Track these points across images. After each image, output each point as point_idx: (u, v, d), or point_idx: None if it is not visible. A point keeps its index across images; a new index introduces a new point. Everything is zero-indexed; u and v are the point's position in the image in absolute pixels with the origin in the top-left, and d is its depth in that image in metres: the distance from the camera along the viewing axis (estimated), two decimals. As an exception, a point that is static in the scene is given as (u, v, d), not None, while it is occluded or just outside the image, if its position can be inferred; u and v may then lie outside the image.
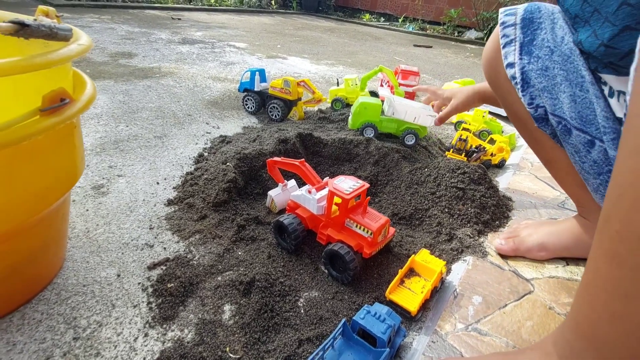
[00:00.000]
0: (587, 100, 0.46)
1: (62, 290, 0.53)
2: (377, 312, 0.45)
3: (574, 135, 0.48)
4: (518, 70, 0.52)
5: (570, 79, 0.47)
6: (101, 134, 1.00)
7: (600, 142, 0.46)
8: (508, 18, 0.54)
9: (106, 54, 1.80)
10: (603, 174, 0.48)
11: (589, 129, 0.46)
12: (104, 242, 0.63)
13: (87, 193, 0.75)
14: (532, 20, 0.52)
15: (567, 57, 0.47)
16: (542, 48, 0.50)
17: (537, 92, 0.51)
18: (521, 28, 0.52)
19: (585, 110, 0.46)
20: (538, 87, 0.51)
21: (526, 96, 0.52)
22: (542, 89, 0.50)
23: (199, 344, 0.47)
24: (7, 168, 0.36)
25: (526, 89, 0.52)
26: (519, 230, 0.68)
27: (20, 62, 0.32)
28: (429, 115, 0.97)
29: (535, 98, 0.52)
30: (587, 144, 0.47)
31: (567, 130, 0.49)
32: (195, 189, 0.77)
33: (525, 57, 0.51)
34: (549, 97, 0.50)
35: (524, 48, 0.52)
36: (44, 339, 0.47)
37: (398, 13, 5.48)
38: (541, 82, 0.50)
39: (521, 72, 0.52)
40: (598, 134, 0.46)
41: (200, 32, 2.73)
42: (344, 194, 0.58)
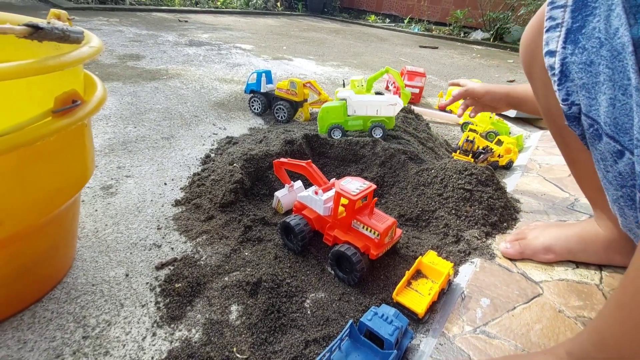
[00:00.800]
0: (627, 107, 0.41)
1: (71, 289, 0.54)
2: (385, 314, 0.45)
3: (603, 142, 0.44)
4: (558, 61, 0.45)
5: (615, 79, 0.41)
6: (110, 135, 1.01)
7: (630, 154, 0.41)
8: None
9: (114, 56, 1.82)
10: (626, 187, 0.44)
11: (621, 138, 0.42)
12: (113, 242, 0.64)
13: (96, 193, 0.76)
14: (586, 4, 0.43)
15: (617, 53, 0.41)
16: (590, 38, 0.43)
17: (575, 88, 0.45)
18: (571, 11, 0.44)
19: (622, 117, 0.41)
20: (577, 82, 0.44)
21: (562, 91, 0.46)
22: (581, 85, 0.44)
23: (207, 344, 0.47)
24: (21, 168, 0.37)
25: (563, 83, 0.46)
26: (526, 232, 0.67)
27: (34, 64, 0.33)
28: (390, 105, 0.99)
29: (572, 94, 0.46)
30: (616, 154, 0.43)
31: (598, 135, 0.44)
32: (202, 190, 0.78)
33: (570, 47, 0.44)
34: (586, 96, 0.44)
35: (570, 36, 0.44)
36: (54, 338, 0.47)
37: (404, 14, 5.47)
38: (582, 77, 0.44)
39: (561, 63, 0.45)
40: (630, 145, 0.41)
41: (206, 34, 2.75)
42: (351, 195, 0.58)
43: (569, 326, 0.50)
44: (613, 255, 0.60)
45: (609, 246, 0.59)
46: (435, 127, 1.38)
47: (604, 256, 0.60)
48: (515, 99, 0.82)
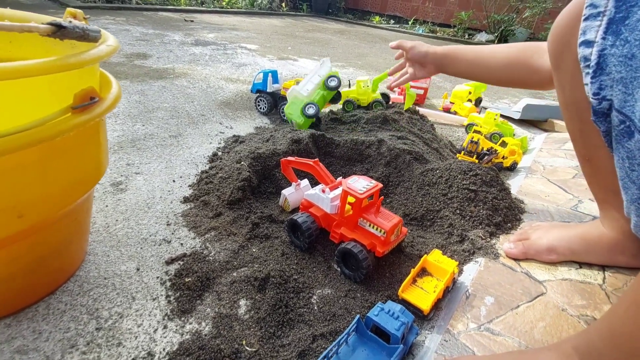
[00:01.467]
0: None
1: (84, 282, 0.55)
2: (391, 310, 0.45)
3: (635, 139, 0.42)
4: (596, 52, 0.43)
5: None
6: (119, 132, 1.02)
7: None
8: None
9: (122, 55, 1.84)
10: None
11: None
12: (124, 237, 0.65)
13: (107, 190, 0.77)
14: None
15: None
16: (634, 31, 0.40)
17: (610, 82, 0.43)
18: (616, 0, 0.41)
19: None
20: (614, 76, 0.42)
21: (595, 84, 0.44)
22: (619, 80, 0.42)
23: (216, 336, 0.48)
24: (41, 163, 0.38)
25: (598, 76, 0.43)
26: (529, 232, 0.67)
27: (57, 61, 0.34)
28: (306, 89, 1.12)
29: (605, 89, 0.43)
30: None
31: (629, 132, 0.42)
32: (210, 187, 0.79)
33: (610, 38, 0.42)
34: (622, 91, 0.42)
35: (612, 26, 0.41)
36: (68, 329, 0.48)
37: (408, 15, 5.47)
38: (620, 71, 0.41)
39: (599, 54, 0.43)
40: None
41: (212, 34, 2.77)
42: (358, 193, 0.59)
43: (572, 324, 0.51)
44: (616, 256, 0.60)
45: (613, 247, 0.59)
46: (440, 128, 1.39)
47: (608, 257, 0.61)
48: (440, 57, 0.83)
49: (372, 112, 1.15)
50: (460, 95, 1.58)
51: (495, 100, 1.99)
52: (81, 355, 0.45)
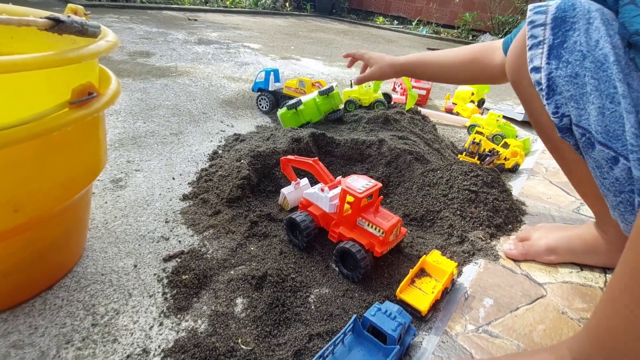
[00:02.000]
0: (616, 114, 0.43)
1: (81, 278, 0.55)
2: (388, 310, 0.45)
3: (597, 150, 0.45)
4: (544, 76, 0.48)
5: (601, 89, 0.44)
6: (120, 129, 1.03)
7: (625, 159, 0.43)
8: (537, 17, 0.49)
9: (125, 52, 1.85)
10: (624, 193, 0.45)
11: (614, 145, 0.43)
12: (122, 233, 0.65)
13: (106, 186, 0.77)
14: (565, 20, 0.46)
15: (600, 64, 0.44)
16: (573, 52, 0.45)
17: (564, 100, 0.47)
18: (552, 29, 0.47)
19: (613, 125, 0.43)
20: (565, 95, 0.47)
21: (551, 104, 0.48)
22: (569, 97, 0.46)
23: (212, 334, 0.48)
24: (39, 157, 0.38)
25: (551, 97, 0.48)
26: (529, 233, 0.67)
27: (55, 55, 0.34)
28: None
29: (561, 107, 0.48)
30: (610, 161, 0.44)
31: (590, 143, 0.46)
32: (209, 185, 0.79)
33: (554, 62, 0.47)
34: (575, 107, 0.46)
35: (553, 51, 0.47)
36: (64, 324, 0.48)
37: (412, 16, 5.46)
38: (569, 90, 0.46)
39: (547, 78, 0.48)
40: (624, 151, 0.43)
41: (215, 33, 2.78)
42: (357, 192, 0.58)
43: (572, 327, 0.50)
44: (615, 257, 0.59)
45: (611, 249, 0.59)
46: (442, 129, 1.39)
47: (606, 259, 0.61)
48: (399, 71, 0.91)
49: (374, 112, 1.15)
50: (463, 97, 1.58)
51: (498, 102, 1.98)
52: (76, 350, 0.45)
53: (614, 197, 0.47)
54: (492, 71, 0.74)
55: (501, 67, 0.70)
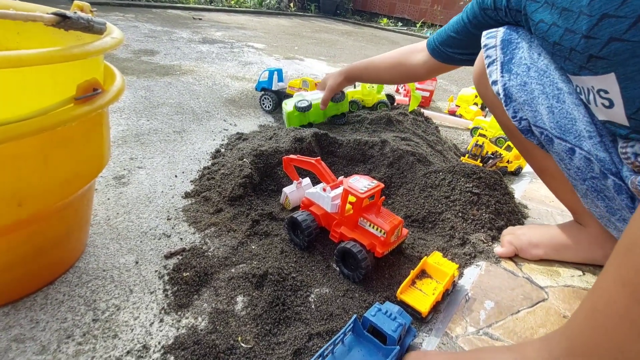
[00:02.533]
0: (564, 111, 0.50)
1: (83, 273, 0.56)
2: (389, 310, 0.45)
3: (555, 143, 0.52)
4: (501, 87, 0.56)
5: (547, 92, 0.51)
6: (123, 127, 1.03)
7: (580, 149, 0.49)
8: (489, 41, 0.58)
9: (129, 51, 1.85)
10: (587, 180, 0.50)
11: (567, 138, 0.50)
12: (124, 230, 0.65)
13: (109, 183, 0.77)
14: (511, 41, 0.56)
15: (543, 72, 0.52)
16: (520, 65, 0.55)
17: (519, 105, 0.55)
18: (501, 49, 0.57)
19: (562, 120, 0.50)
20: (519, 100, 0.55)
21: (509, 110, 0.56)
22: (523, 102, 0.54)
23: (212, 332, 0.48)
24: (43, 152, 0.38)
25: (509, 104, 0.56)
26: (515, 230, 0.69)
27: (60, 51, 0.34)
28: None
29: (518, 112, 0.56)
30: (569, 152, 0.50)
31: (550, 139, 0.52)
32: (211, 183, 0.79)
33: (506, 75, 0.56)
34: (530, 110, 0.54)
35: (505, 66, 0.56)
36: (65, 319, 0.49)
37: (416, 18, 5.46)
38: (521, 96, 0.54)
39: (503, 88, 0.56)
40: (577, 142, 0.49)
41: (219, 32, 2.78)
42: (359, 192, 0.58)
43: (573, 332, 0.50)
44: (596, 250, 0.62)
45: (592, 241, 0.62)
46: (445, 131, 1.38)
47: (588, 252, 0.63)
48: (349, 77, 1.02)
49: (377, 113, 1.15)
50: (466, 99, 1.57)
51: (501, 104, 1.97)
52: (77, 345, 0.45)
53: (581, 185, 0.52)
54: (416, 71, 0.86)
55: (424, 66, 0.84)
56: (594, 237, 0.61)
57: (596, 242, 0.61)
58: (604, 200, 0.50)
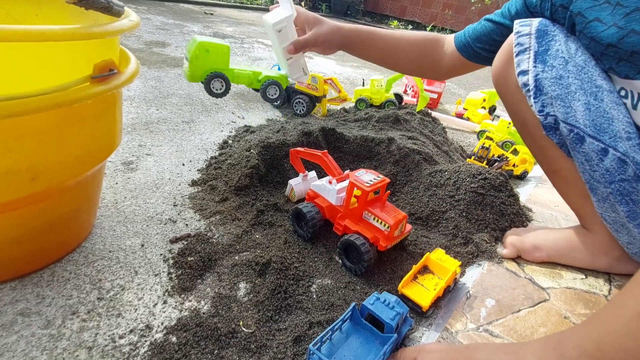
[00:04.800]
0: (601, 110, 0.48)
1: (89, 253, 0.56)
2: (387, 300, 0.45)
3: (587, 143, 0.50)
4: (532, 78, 0.53)
5: (585, 88, 0.49)
6: (133, 115, 1.04)
7: (614, 150, 0.48)
8: (523, 28, 0.55)
9: (141, 42, 1.87)
10: (615, 183, 0.49)
11: (602, 137, 0.48)
12: (131, 214, 0.66)
13: (117, 168, 0.78)
14: (547, 32, 0.53)
15: (581, 67, 0.50)
16: (556, 58, 0.52)
17: (549, 100, 0.52)
18: (536, 38, 0.53)
19: (599, 119, 0.48)
20: (551, 94, 0.52)
21: (537, 103, 0.53)
22: (555, 96, 0.52)
23: (214, 315, 0.49)
24: (59, 128, 0.39)
25: (538, 97, 0.53)
26: (518, 232, 0.69)
27: (80, 29, 0.35)
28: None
29: (547, 106, 0.53)
30: (601, 152, 0.49)
31: (580, 138, 0.50)
32: (218, 173, 0.80)
33: (540, 65, 0.53)
34: (562, 105, 0.51)
35: (539, 56, 0.53)
36: (71, 296, 0.49)
37: (426, 22, 5.45)
38: (554, 90, 0.51)
39: (535, 79, 0.53)
40: (612, 142, 0.48)
41: (230, 28, 2.80)
42: (364, 186, 0.59)
43: (574, 332, 0.50)
44: (598, 256, 0.61)
45: (596, 248, 0.61)
46: (452, 133, 1.38)
47: (591, 257, 0.62)
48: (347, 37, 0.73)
49: (384, 111, 1.15)
50: (474, 102, 1.57)
51: (509, 110, 1.97)
52: (81, 322, 0.46)
53: (605, 189, 0.51)
54: (440, 66, 0.75)
55: (449, 61, 0.73)
56: (599, 243, 0.60)
57: (601, 248, 0.61)
58: (628, 204, 0.49)
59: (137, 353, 0.43)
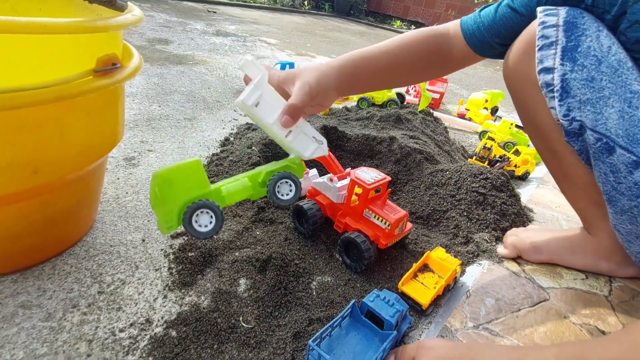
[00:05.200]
0: (635, 119, 0.43)
1: (90, 248, 0.57)
2: (387, 297, 0.45)
3: (616, 154, 0.44)
4: (558, 77, 0.46)
5: (619, 93, 0.44)
6: (135, 111, 1.04)
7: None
8: (549, 18, 0.47)
9: (144, 39, 1.87)
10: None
11: (635, 149, 0.43)
12: (132, 209, 0.66)
13: (119, 163, 0.78)
14: (576, 25, 0.46)
15: (614, 69, 0.44)
16: (587, 56, 0.45)
17: (577, 104, 0.46)
18: (564, 31, 0.46)
19: (633, 129, 0.43)
20: (580, 98, 0.45)
21: (563, 106, 0.47)
22: (585, 101, 0.45)
23: (214, 310, 0.49)
24: (61, 121, 0.39)
25: (564, 99, 0.46)
26: (518, 232, 0.68)
27: (83, 22, 0.35)
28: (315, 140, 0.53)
29: (573, 110, 0.46)
30: (631, 165, 0.44)
31: (609, 148, 0.45)
32: (220, 169, 0.80)
33: (568, 64, 0.46)
34: (592, 111, 0.45)
35: (567, 53, 0.46)
36: (72, 289, 0.50)
37: (429, 22, 5.44)
38: (584, 93, 0.45)
39: (561, 79, 0.46)
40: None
41: (233, 26, 2.80)
42: (365, 184, 0.59)
43: (574, 332, 0.50)
44: (600, 261, 0.61)
45: (598, 252, 0.60)
46: (453, 133, 1.38)
47: (591, 261, 0.61)
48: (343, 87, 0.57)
49: (386, 111, 1.15)
50: (477, 103, 1.57)
51: (512, 110, 1.96)
52: (82, 315, 0.46)
53: (628, 201, 0.46)
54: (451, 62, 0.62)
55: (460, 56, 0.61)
56: (602, 248, 0.60)
57: (603, 253, 0.60)
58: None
59: (137, 347, 0.43)
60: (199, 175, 0.44)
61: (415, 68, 0.62)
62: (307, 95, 0.49)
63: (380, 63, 0.59)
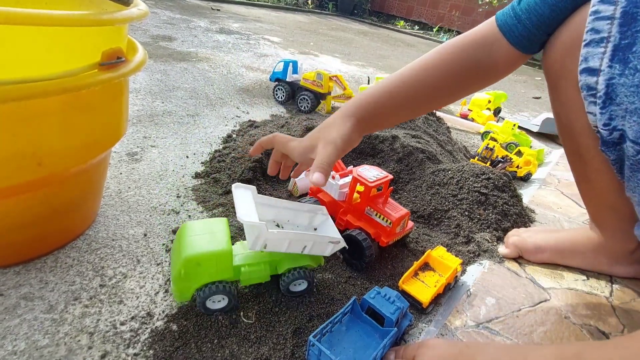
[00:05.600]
0: None
1: (92, 241, 0.57)
2: (387, 294, 0.45)
3: None
4: (603, 81, 0.39)
5: None
6: (138, 107, 1.05)
7: None
8: (604, 7, 0.39)
9: (148, 35, 1.88)
10: None
11: None
12: (134, 203, 0.66)
13: (122, 158, 0.79)
14: (636, 18, 0.37)
15: None
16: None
17: (622, 112, 0.39)
18: (620, 25, 0.38)
19: None
20: (626, 107, 0.39)
21: (605, 114, 0.40)
22: (632, 110, 0.38)
23: (215, 305, 0.49)
24: (66, 114, 0.39)
25: (607, 107, 0.40)
26: (520, 232, 0.68)
27: (89, 15, 0.35)
28: (331, 243, 0.50)
29: (615, 119, 0.40)
30: None
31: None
32: (222, 166, 0.80)
33: (618, 66, 0.38)
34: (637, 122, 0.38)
35: (618, 53, 0.38)
36: (74, 282, 0.50)
37: (433, 22, 5.43)
38: (633, 102, 0.38)
39: (607, 84, 0.39)
40: None
41: (237, 24, 2.80)
42: (367, 181, 0.59)
43: (574, 332, 0.50)
44: (601, 259, 0.61)
45: (599, 251, 0.60)
46: (456, 133, 1.38)
47: (593, 260, 0.61)
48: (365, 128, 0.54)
49: (389, 110, 1.15)
50: (479, 104, 1.56)
51: (514, 112, 1.96)
52: (83, 308, 0.47)
53: None
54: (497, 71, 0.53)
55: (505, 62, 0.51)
56: (607, 251, 0.59)
57: (602, 252, 0.60)
58: None
59: (138, 340, 0.44)
60: (225, 263, 0.45)
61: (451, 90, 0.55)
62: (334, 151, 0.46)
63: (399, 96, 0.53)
